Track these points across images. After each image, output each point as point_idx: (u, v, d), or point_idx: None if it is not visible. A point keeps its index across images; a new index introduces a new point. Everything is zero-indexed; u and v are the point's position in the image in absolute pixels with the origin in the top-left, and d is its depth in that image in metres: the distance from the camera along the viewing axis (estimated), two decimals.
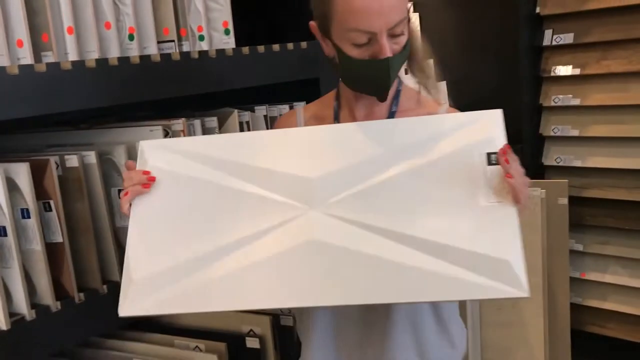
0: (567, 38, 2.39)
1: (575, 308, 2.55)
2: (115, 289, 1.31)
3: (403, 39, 1.09)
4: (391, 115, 1.20)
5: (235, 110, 1.51)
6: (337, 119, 1.22)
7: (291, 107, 1.64)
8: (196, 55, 1.41)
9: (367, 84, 1.13)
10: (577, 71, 2.39)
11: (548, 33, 2.44)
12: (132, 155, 1.32)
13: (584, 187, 2.45)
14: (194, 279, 1.00)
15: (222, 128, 1.50)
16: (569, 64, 2.41)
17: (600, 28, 2.33)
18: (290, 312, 1.46)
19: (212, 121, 1.47)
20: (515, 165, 0.99)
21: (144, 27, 1.42)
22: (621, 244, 2.45)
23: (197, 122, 1.43)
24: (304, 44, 1.62)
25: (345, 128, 1.10)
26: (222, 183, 1.06)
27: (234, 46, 1.53)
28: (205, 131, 1.45)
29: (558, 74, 2.43)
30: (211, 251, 1.02)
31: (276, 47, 1.57)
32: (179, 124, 1.39)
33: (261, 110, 1.59)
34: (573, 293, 2.57)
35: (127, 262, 1.04)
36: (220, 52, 1.47)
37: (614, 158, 2.38)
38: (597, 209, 2.44)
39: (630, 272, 2.45)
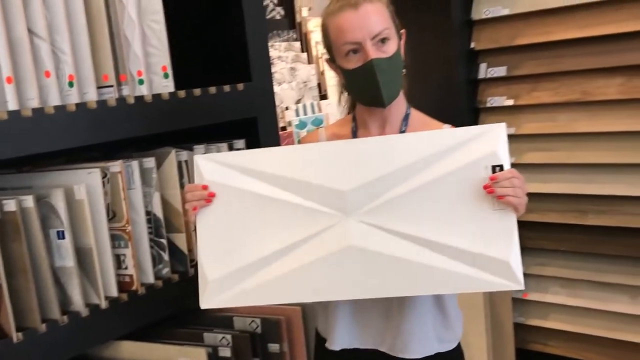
0: (500, 71, 2.53)
1: (518, 327, 2.65)
2: (54, 327, 1.36)
3: (390, 48, 1.31)
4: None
5: (173, 150, 1.57)
6: (355, 138, 1.42)
7: (230, 146, 1.72)
8: (132, 100, 1.48)
9: (364, 90, 1.34)
10: (511, 102, 2.53)
11: (483, 66, 2.58)
12: (69, 197, 1.38)
13: None
14: (257, 278, 1.27)
15: (160, 167, 1.56)
16: (503, 95, 2.55)
17: (530, 62, 2.48)
18: (229, 343, 1.52)
19: (150, 161, 1.53)
20: (512, 181, 1.17)
21: (83, 74, 1.47)
22: (558, 265, 2.58)
23: (134, 163, 1.49)
24: (240, 86, 1.70)
25: (367, 142, 1.29)
26: (269, 194, 1.28)
27: (172, 89, 1.59)
28: (143, 172, 1.51)
29: (493, 104, 2.57)
30: (268, 255, 1.27)
31: (212, 89, 1.64)
32: (116, 165, 1.45)
33: (200, 149, 1.65)
34: (516, 313, 2.67)
35: (200, 265, 1.30)
36: (157, 96, 1.53)
37: (547, 184, 2.51)
38: (534, 232, 2.56)
39: (568, 292, 2.57)
